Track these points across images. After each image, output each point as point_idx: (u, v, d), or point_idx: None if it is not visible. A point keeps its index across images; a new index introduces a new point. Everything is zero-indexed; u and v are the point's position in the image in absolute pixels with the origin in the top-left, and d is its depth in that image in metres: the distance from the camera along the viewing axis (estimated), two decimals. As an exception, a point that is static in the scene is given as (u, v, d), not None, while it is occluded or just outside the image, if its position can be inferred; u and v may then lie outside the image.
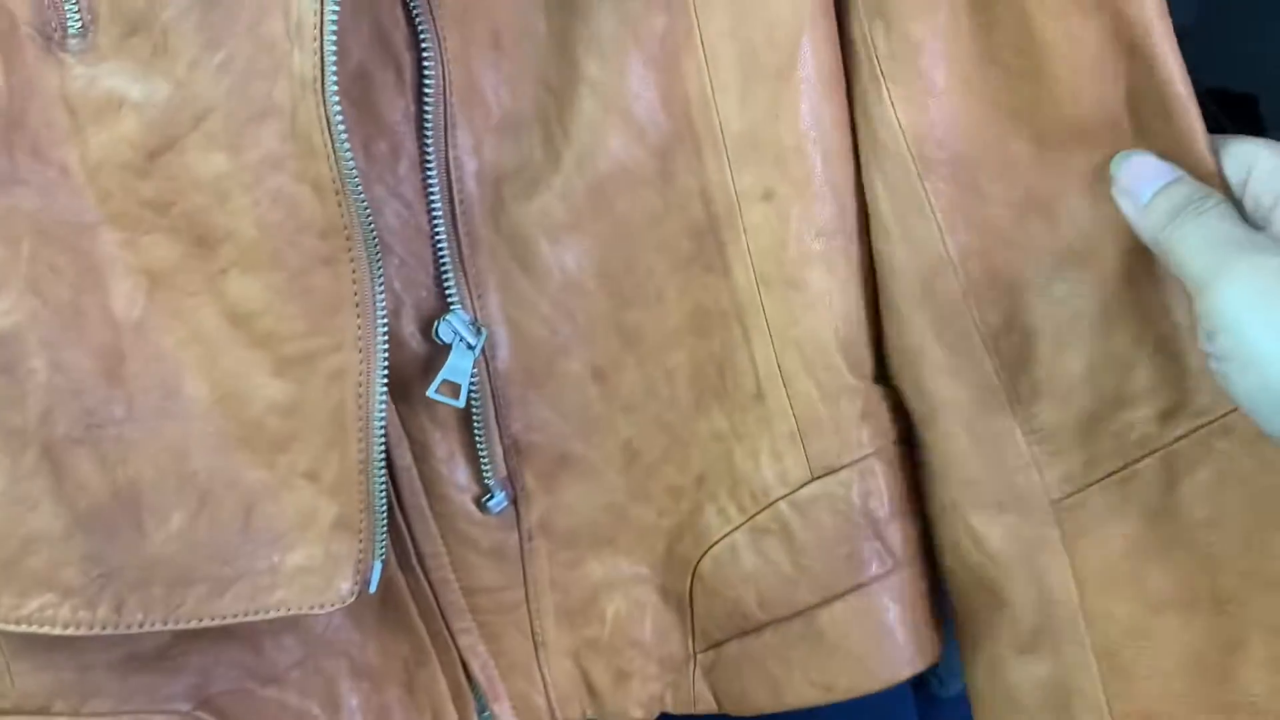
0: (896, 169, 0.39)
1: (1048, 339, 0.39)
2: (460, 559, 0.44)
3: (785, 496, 0.41)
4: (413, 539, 0.43)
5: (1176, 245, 0.35)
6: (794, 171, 0.40)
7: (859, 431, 0.41)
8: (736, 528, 0.42)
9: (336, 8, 0.33)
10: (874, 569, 0.41)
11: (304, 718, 0.44)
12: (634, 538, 0.44)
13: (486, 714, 0.46)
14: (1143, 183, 0.36)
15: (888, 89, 0.39)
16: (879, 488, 0.41)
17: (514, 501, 0.43)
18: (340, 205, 0.36)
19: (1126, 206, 0.36)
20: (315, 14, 0.34)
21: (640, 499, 0.44)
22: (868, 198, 0.40)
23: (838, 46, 0.40)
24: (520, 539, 0.44)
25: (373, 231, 0.36)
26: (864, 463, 0.41)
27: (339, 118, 0.34)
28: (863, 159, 0.40)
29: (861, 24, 0.39)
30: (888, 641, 0.41)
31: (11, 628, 0.37)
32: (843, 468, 0.41)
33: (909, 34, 0.38)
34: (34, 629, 0.37)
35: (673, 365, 0.42)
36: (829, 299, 0.40)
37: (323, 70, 0.34)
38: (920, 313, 0.40)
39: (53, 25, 0.35)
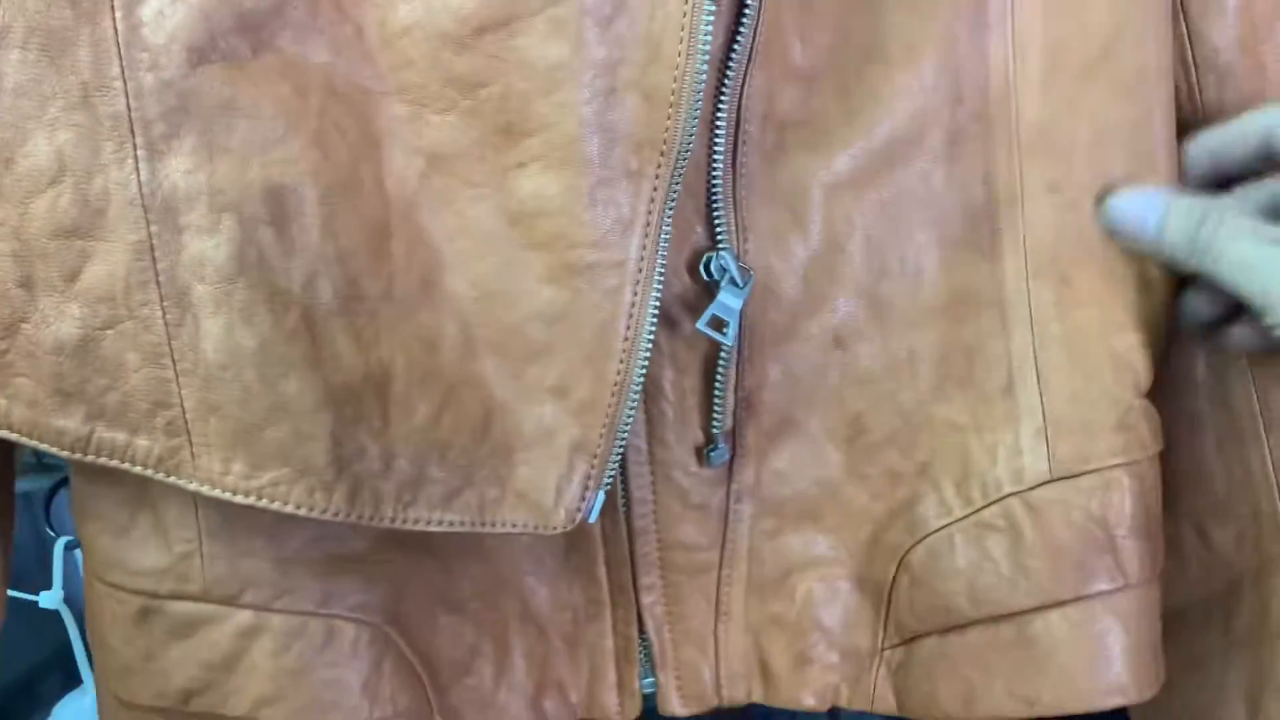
0: None
1: None
2: (665, 509, 0.42)
3: (1019, 493, 0.40)
4: (624, 479, 0.41)
5: (1214, 266, 0.37)
6: (1084, 169, 0.39)
7: (1112, 440, 0.40)
8: (957, 520, 0.41)
9: None
10: (1102, 583, 0.40)
11: (476, 653, 0.41)
12: (840, 518, 0.43)
13: (649, 680, 0.43)
14: (1144, 215, 0.39)
15: None
16: (1122, 501, 0.40)
17: (732, 458, 0.42)
18: (669, 119, 0.34)
19: (1140, 243, 0.39)
20: None
21: (855, 478, 0.42)
22: None
23: (1158, 48, 0.40)
24: (728, 498, 0.42)
25: (686, 154, 0.35)
26: (1111, 472, 0.40)
27: (708, 27, 0.33)
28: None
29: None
30: (1103, 662, 0.40)
31: (238, 499, 0.34)
32: (1086, 473, 0.40)
33: None
34: (261, 503, 0.34)
35: (919, 346, 0.41)
36: (1103, 302, 0.40)
37: None
38: (1194, 339, 0.41)
39: None
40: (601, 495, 0.38)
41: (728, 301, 0.38)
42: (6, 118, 0.33)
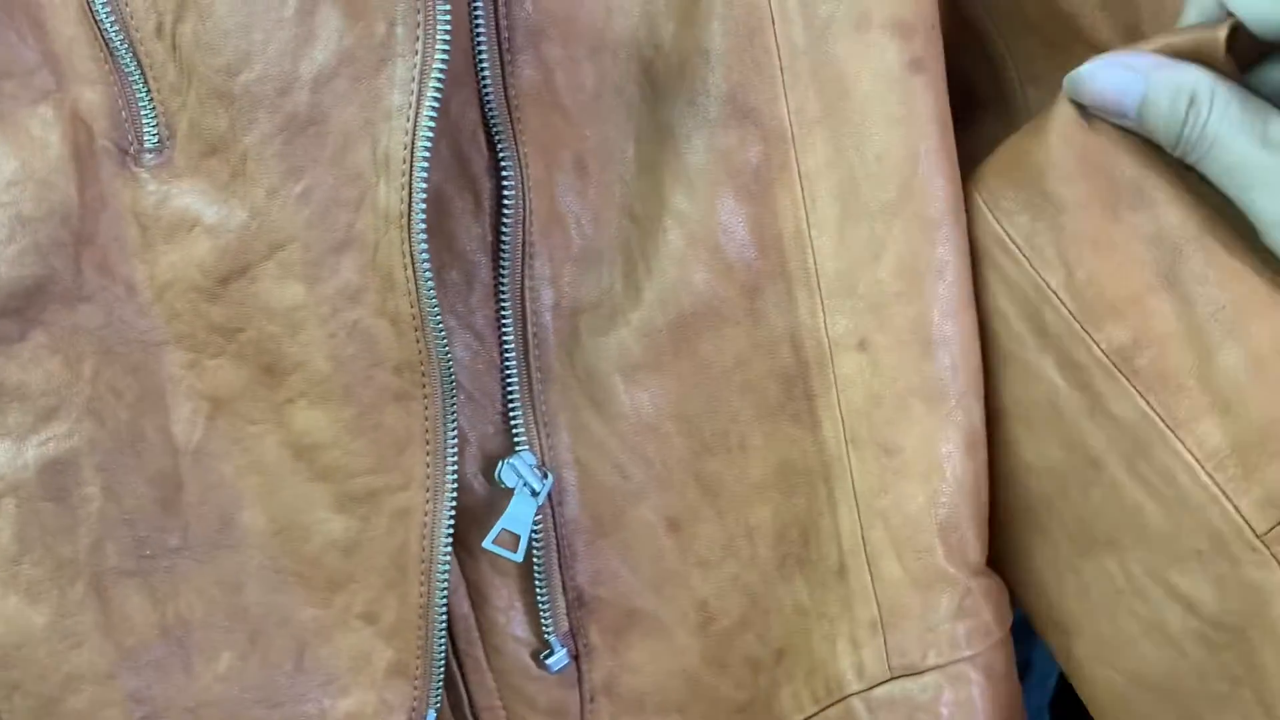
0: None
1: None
2: (516, 715, 0.41)
3: (860, 693, 0.37)
4: (467, 690, 0.40)
5: (1201, 163, 0.31)
6: (894, 320, 0.37)
7: (952, 629, 0.37)
8: (810, 717, 0.38)
9: (429, 144, 0.32)
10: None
11: None
12: (705, 709, 0.40)
13: None
14: (1122, 91, 0.32)
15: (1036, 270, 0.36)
16: (971, 700, 0.36)
17: (576, 658, 0.40)
18: (418, 342, 0.34)
19: (1124, 125, 0.33)
20: (405, 148, 0.32)
21: (715, 667, 0.40)
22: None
23: (955, 182, 0.37)
24: (581, 699, 0.41)
25: (450, 368, 0.35)
26: (956, 667, 0.37)
27: (424, 254, 0.33)
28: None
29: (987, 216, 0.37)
30: None
31: (46, 770, 0.35)
32: (928, 670, 0.37)
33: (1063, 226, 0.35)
34: (65, 774, 0.35)
35: (755, 522, 0.39)
36: (927, 469, 0.37)
37: (410, 206, 0.33)
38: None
39: (129, 139, 0.35)
40: (432, 714, 0.37)
41: (518, 512, 0.37)
42: None
